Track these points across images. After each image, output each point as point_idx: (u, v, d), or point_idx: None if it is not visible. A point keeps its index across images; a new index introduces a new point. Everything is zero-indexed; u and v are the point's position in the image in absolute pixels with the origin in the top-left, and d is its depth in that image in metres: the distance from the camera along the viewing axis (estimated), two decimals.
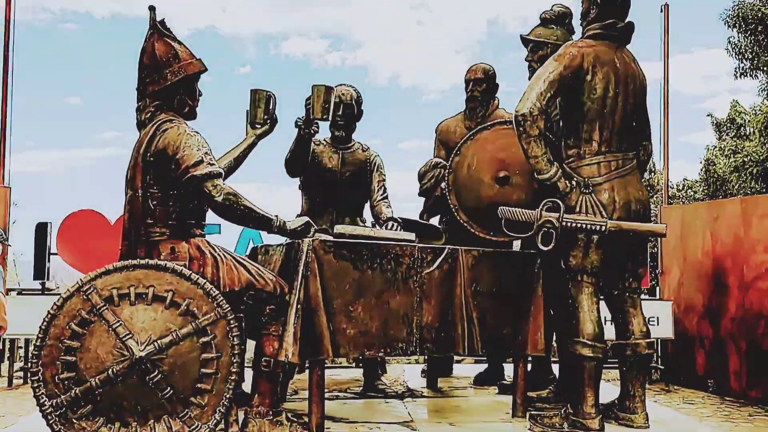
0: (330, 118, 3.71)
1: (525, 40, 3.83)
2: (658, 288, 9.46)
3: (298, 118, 3.88)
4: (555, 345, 4.14)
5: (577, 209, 3.04)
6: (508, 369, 4.36)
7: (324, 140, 4.36)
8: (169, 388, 2.70)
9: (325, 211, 4.30)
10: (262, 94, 3.63)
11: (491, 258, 3.27)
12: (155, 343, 2.70)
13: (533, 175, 3.14)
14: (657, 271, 9.69)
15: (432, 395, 4.01)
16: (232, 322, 2.83)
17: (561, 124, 3.27)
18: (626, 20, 3.21)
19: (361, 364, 4.94)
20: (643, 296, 10.12)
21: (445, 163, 3.97)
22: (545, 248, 3.05)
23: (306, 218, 3.11)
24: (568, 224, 3.00)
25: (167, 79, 3.07)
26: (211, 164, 2.92)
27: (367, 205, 4.44)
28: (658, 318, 8.75)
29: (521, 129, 3.01)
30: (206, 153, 2.93)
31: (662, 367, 9.34)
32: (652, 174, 17.05)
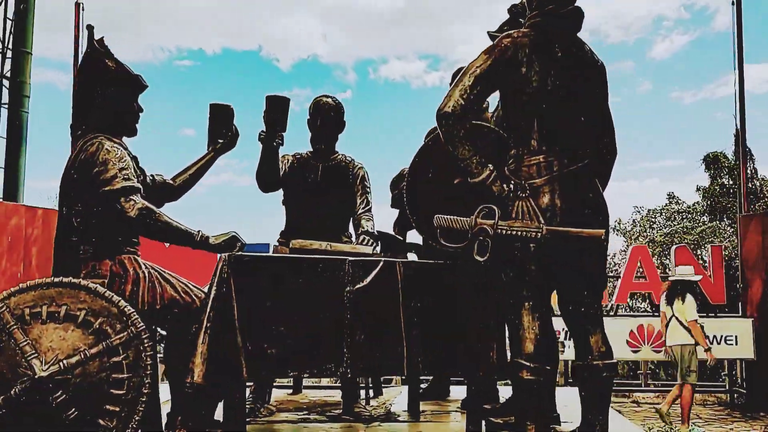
0: (285, 129, 3.61)
1: (492, 37, 3.56)
2: (739, 303, 8.66)
3: (261, 131, 3.79)
4: None
5: (513, 215, 2.74)
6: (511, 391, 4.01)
7: (306, 153, 4.25)
8: (74, 409, 2.63)
9: (307, 227, 4.16)
10: (221, 108, 3.57)
11: (433, 270, 3.02)
12: (61, 363, 2.65)
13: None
14: (738, 286, 8.89)
15: (407, 420, 3.75)
16: (146, 341, 2.74)
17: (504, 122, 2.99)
18: (572, 5, 2.89)
19: (365, 384, 4.76)
20: (721, 313, 9.35)
21: None
22: (481, 259, 2.77)
23: (232, 232, 2.99)
24: (503, 232, 2.70)
25: (95, 97, 3.06)
26: (126, 179, 2.86)
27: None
28: (736, 337, 7.99)
29: (443, 129, 2.76)
30: (121, 168, 2.88)
31: (744, 391, 8.49)
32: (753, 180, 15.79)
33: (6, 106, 11.15)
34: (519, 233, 2.68)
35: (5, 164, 11.13)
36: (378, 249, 4.02)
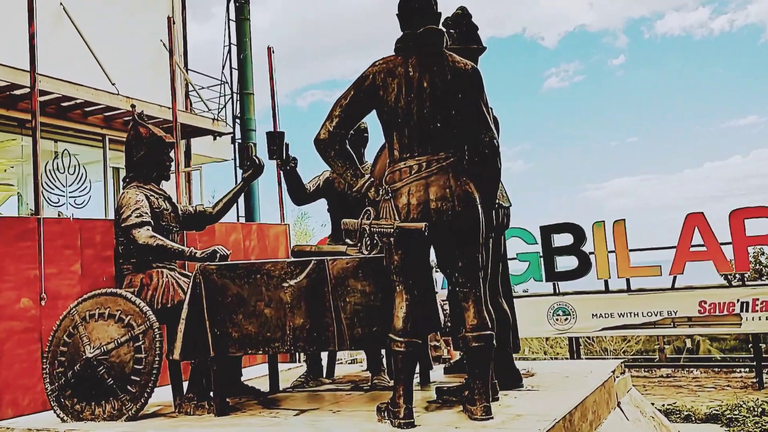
0: (282, 157, 4.46)
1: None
2: None
3: (276, 161, 4.67)
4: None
5: (381, 215, 3.27)
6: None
7: None
8: (111, 379, 3.82)
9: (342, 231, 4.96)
10: (244, 147, 4.60)
11: (358, 265, 3.62)
12: (102, 347, 3.86)
13: None
14: None
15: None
16: (157, 331, 3.84)
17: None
18: (424, 27, 3.28)
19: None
20: None
21: None
22: (367, 252, 3.35)
23: (214, 247, 3.94)
24: (374, 230, 3.25)
25: (134, 156, 4.26)
26: (138, 217, 3.99)
27: None
28: None
29: (319, 153, 3.38)
30: (136, 209, 4.01)
31: None
32: None
33: (239, 140, 13.50)
34: (382, 230, 3.23)
35: None
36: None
